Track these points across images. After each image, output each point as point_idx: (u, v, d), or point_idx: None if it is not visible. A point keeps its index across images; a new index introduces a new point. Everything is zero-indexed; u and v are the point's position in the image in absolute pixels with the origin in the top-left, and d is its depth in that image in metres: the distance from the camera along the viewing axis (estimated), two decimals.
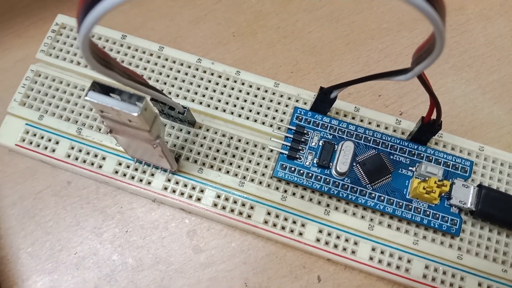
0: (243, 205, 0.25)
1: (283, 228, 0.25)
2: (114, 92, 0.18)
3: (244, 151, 0.26)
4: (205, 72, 0.28)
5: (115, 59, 0.17)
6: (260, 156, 0.26)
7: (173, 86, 0.27)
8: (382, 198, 0.25)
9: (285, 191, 0.26)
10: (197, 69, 0.28)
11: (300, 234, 0.25)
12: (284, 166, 0.25)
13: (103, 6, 0.12)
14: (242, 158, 0.26)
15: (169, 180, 0.26)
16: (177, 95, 0.27)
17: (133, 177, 0.26)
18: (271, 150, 0.26)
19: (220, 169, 0.26)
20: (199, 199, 0.25)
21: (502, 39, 0.32)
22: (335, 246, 0.25)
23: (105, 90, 0.18)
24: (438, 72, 0.31)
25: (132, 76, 0.18)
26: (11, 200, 0.27)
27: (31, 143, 0.26)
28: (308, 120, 0.26)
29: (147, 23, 0.31)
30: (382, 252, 0.25)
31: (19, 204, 0.27)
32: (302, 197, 0.25)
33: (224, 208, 0.25)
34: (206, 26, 0.31)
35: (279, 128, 0.27)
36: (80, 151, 0.26)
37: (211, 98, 0.27)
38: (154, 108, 0.24)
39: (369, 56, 0.31)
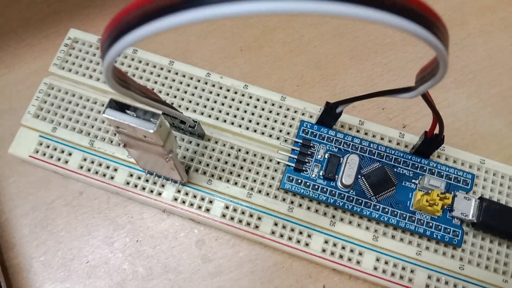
0: (251, 216, 0.26)
1: (289, 238, 0.26)
2: (129, 109, 0.19)
3: (252, 163, 0.27)
4: (213, 86, 0.28)
5: (132, 78, 0.18)
6: (267, 168, 0.27)
7: (182, 99, 0.28)
8: (386, 210, 0.26)
9: (292, 202, 0.26)
10: (206, 83, 0.28)
11: (306, 244, 0.26)
12: (290, 178, 0.26)
13: (129, 39, 0.12)
14: (249, 170, 0.27)
15: (179, 191, 0.26)
16: (187, 108, 0.28)
17: (144, 188, 0.26)
18: (278, 162, 0.27)
19: (228, 181, 0.27)
20: (208, 210, 0.26)
21: (502, 53, 0.33)
22: (341, 256, 0.26)
23: (121, 107, 0.19)
24: (439, 86, 0.31)
25: (147, 94, 0.19)
26: (24, 210, 0.28)
27: (44, 154, 0.27)
28: (314, 133, 0.27)
29: (156, 37, 0.32)
30: (386, 263, 0.26)
31: (32, 213, 0.28)
32: (309, 208, 0.26)
33: (232, 218, 0.26)
34: (214, 40, 0.32)
35: (285, 141, 0.27)
36: (93, 162, 0.27)
37: (220, 111, 0.28)
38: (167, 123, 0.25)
39: (373, 70, 0.31)
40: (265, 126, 0.28)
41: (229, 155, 0.27)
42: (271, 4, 0.10)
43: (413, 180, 0.26)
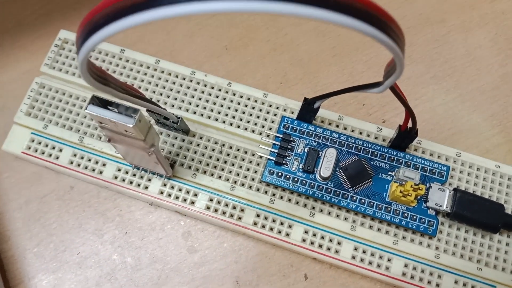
0: (234, 208, 0.27)
1: (271, 229, 0.27)
2: (111, 105, 0.20)
3: (235, 157, 0.28)
4: (198, 83, 0.29)
5: (112, 75, 0.19)
6: (250, 162, 0.28)
7: (168, 97, 0.29)
8: (363, 201, 0.27)
9: (273, 194, 0.27)
10: (191, 81, 0.30)
11: (287, 234, 0.27)
12: (272, 171, 0.27)
13: (101, 34, 0.13)
14: (233, 164, 0.28)
15: (165, 185, 0.27)
16: (172, 105, 0.29)
17: (131, 182, 0.28)
18: (260, 157, 0.28)
19: (212, 174, 0.28)
20: (193, 203, 0.27)
21: (481, 49, 0.33)
22: (320, 246, 0.27)
23: (104, 103, 0.20)
24: (419, 82, 0.32)
25: (128, 90, 0.20)
26: (18, 204, 0.29)
27: (36, 150, 0.28)
28: (295, 128, 0.28)
29: (144, 37, 0.33)
30: (364, 252, 0.27)
31: (25, 207, 0.29)
32: (289, 200, 0.27)
33: (216, 210, 0.27)
34: (200, 39, 0.33)
35: (267, 136, 0.28)
36: (82, 158, 0.28)
37: (204, 108, 0.29)
38: (150, 119, 0.26)
39: (354, 67, 0.32)
40: (248, 122, 0.29)
41: (213, 150, 0.28)
42: (220, 4, 0.11)
43: (389, 172, 0.27)
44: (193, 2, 0.11)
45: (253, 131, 0.29)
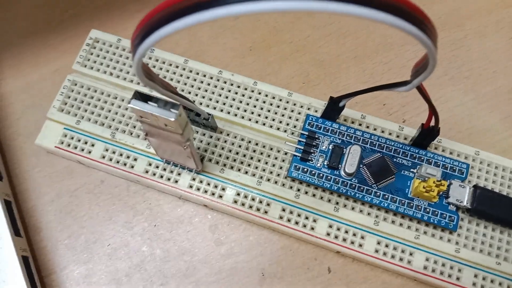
0: (260, 202, 0.28)
1: (296, 223, 0.28)
2: (151, 100, 0.21)
3: (261, 153, 0.29)
4: (225, 82, 0.31)
5: (155, 73, 0.20)
6: (276, 158, 0.29)
7: (196, 95, 0.30)
8: (386, 196, 0.27)
9: (298, 189, 0.28)
10: (218, 80, 0.31)
11: (312, 228, 0.28)
12: (297, 167, 0.28)
13: (157, 35, 0.14)
14: (259, 160, 0.29)
15: (194, 179, 0.28)
16: (201, 103, 0.30)
17: (161, 176, 0.29)
18: (286, 153, 0.29)
19: (239, 170, 0.29)
20: (220, 197, 0.28)
21: (497, 53, 0.34)
22: (344, 239, 0.28)
23: (144, 98, 0.21)
24: (438, 83, 0.33)
25: (167, 87, 0.21)
26: (50, 197, 0.30)
27: (69, 145, 0.29)
28: (319, 126, 0.29)
29: (172, 38, 0.34)
30: (386, 246, 0.28)
31: (57, 200, 0.30)
32: (314, 195, 0.28)
33: (243, 204, 0.28)
34: (225, 41, 0.34)
35: (292, 133, 0.29)
36: (114, 152, 0.29)
37: (231, 106, 0.30)
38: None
39: (374, 68, 0.33)
40: (273, 119, 0.30)
41: (240, 146, 0.29)
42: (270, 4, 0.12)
43: (412, 169, 0.28)
44: (253, 2, 0.12)
45: (278, 129, 0.30)
